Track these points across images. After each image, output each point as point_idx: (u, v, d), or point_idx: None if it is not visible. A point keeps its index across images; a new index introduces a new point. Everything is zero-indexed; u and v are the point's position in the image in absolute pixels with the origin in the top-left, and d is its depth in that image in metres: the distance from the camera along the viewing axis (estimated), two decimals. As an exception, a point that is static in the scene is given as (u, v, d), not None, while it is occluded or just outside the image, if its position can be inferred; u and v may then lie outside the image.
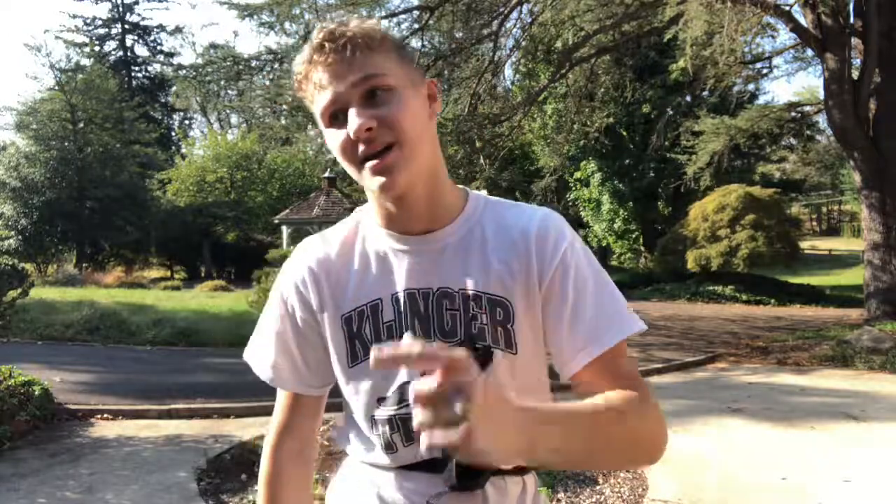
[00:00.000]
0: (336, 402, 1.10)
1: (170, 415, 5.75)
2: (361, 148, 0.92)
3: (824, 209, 45.42)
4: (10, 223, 21.32)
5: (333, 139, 0.95)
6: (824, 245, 30.06)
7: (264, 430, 4.81)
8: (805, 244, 18.80)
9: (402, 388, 0.99)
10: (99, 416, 5.61)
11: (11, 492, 3.87)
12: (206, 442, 4.93)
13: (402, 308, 1.00)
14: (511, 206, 1.05)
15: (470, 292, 0.98)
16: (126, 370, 7.48)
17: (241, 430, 5.22)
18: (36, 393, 5.24)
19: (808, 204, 40.50)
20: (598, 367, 0.95)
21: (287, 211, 24.30)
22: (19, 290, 7.56)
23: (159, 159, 28.54)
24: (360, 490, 1.05)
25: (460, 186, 1.07)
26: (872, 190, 10.21)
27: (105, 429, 5.31)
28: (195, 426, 5.42)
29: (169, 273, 23.49)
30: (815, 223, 44.40)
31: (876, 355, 7.60)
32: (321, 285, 1.04)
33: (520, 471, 1.02)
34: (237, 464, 4.42)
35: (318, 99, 0.95)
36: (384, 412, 1.01)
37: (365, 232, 1.06)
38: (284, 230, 24.63)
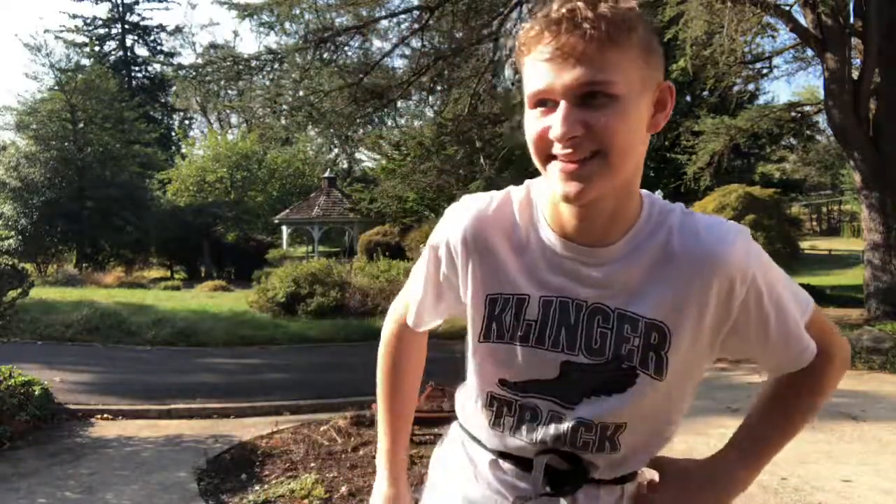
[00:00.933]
0: (335, 404, 1.13)
1: (170, 415, 5.75)
2: (559, 148, 0.86)
3: (824, 209, 45.42)
4: (10, 223, 21.30)
5: (532, 123, 0.89)
6: (824, 245, 30.02)
7: (264, 429, 4.78)
8: (805, 244, 18.82)
9: (528, 384, 1.00)
10: (99, 416, 5.61)
11: (11, 492, 3.86)
12: (206, 442, 4.93)
13: (551, 313, 0.97)
14: (689, 219, 0.96)
15: (627, 314, 0.94)
16: (126, 370, 7.48)
17: (241, 430, 5.22)
18: (36, 393, 5.24)
19: (808, 204, 40.49)
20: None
21: (287, 211, 24.34)
22: (19, 290, 7.54)
23: (159, 159, 28.53)
24: (460, 461, 1.11)
25: (642, 192, 0.98)
26: (872, 190, 10.21)
27: (105, 429, 5.31)
28: (195, 426, 5.42)
29: (169, 273, 23.48)
30: (815, 223, 44.38)
31: (876, 355, 7.60)
32: (474, 255, 1.01)
33: (620, 480, 1.04)
34: (237, 464, 4.42)
35: (533, 74, 0.87)
36: (505, 393, 1.02)
37: (536, 223, 0.99)
38: (284, 230, 24.66)
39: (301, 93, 12.14)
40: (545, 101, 0.86)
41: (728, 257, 0.91)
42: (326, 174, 26.72)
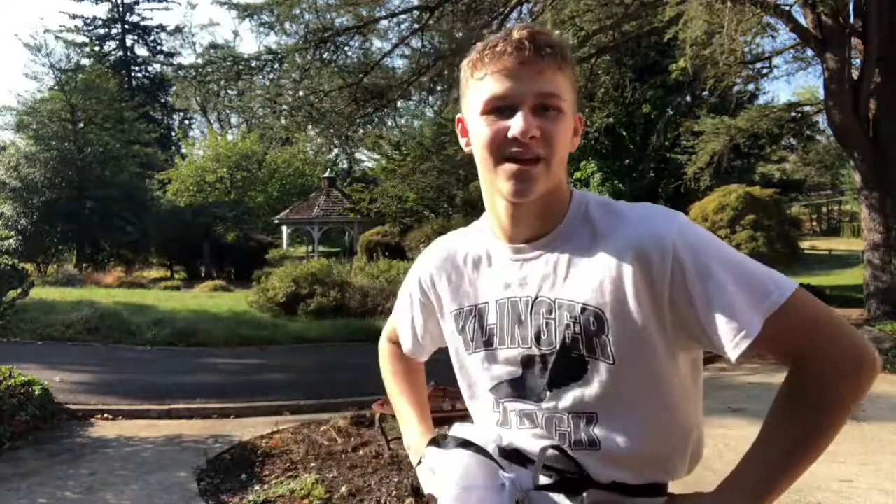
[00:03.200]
0: (335, 404, 1.15)
1: (170, 415, 5.75)
2: (513, 149, 0.96)
3: (824, 209, 45.40)
4: (10, 223, 21.30)
5: (485, 128, 0.99)
6: (824, 245, 30.01)
7: (264, 429, 4.79)
8: (805, 244, 18.80)
9: (500, 387, 1.09)
10: (99, 416, 5.61)
11: (11, 492, 3.86)
12: (206, 442, 4.93)
13: (505, 314, 1.07)
14: (610, 209, 1.03)
15: (565, 301, 1.01)
16: (126, 370, 7.48)
17: (241, 430, 5.22)
18: (36, 393, 5.24)
19: (808, 204, 40.47)
20: (762, 347, 0.94)
21: (287, 211, 24.33)
22: (19, 290, 7.57)
23: (159, 159, 28.53)
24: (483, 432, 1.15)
25: (571, 188, 1.08)
26: (872, 190, 10.21)
27: (105, 429, 5.31)
28: (195, 426, 5.42)
29: (169, 273, 23.47)
30: (815, 223, 44.37)
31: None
32: (439, 285, 1.17)
33: (638, 490, 1.03)
34: (237, 464, 4.42)
35: (489, 84, 0.98)
36: (491, 397, 1.11)
37: (483, 238, 1.13)
38: (284, 230, 24.65)
39: (301, 93, 12.14)
40: (501, 109, 0.97)
41: (644, 236, 0.96)
42: (326, 174, 26.72)
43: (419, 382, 1.40)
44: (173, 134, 39.09)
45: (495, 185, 1.01)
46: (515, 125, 0.94)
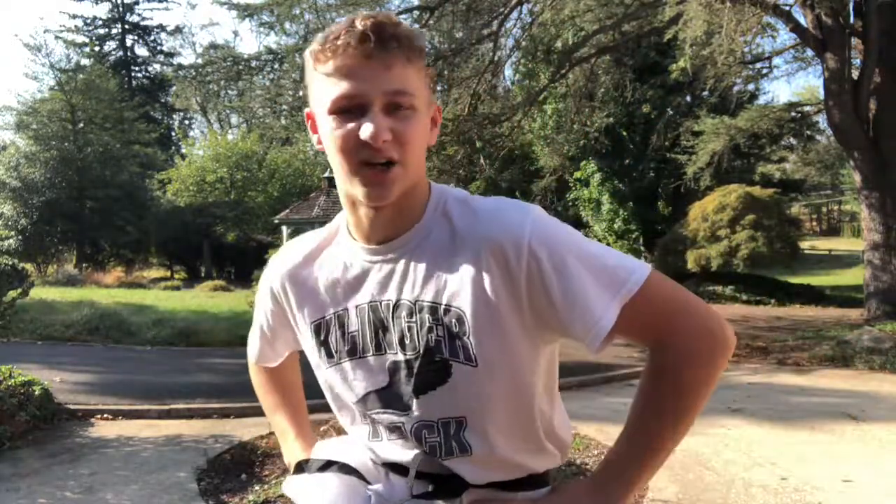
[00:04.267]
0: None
1: (170, 415, 5.74)
2: (366, 154, 0.90)
3: (824, 209, 45.42)
4: (10, 223, 21.32)
5: (335, 130, 0.91)
6: (824, 245, 30.03)
7: (264, 429, 4.77)
8: (805, 244, 18.78)
9: (367, 398, 1.04)
10: (99, 416, 5.61)
11: (11, 492, 3.86)
12: (206, 442, 4.93)
13: (366, 320, 1.01)
14: (467, 206, 0.99)
15: (425, 303, 0.96)
16: (126, 370, 7.47)
17: (241, 430, 5.22)
18: (36, 393, 5.24)
19: (808, 204, 40.48)
20: (622, 335, 0.94)
21: (287, 211, 24.28)
22: (19, 290, 7.57)
23: (159, 159, 28.55)
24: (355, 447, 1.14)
25: (430, 182, 1.04)
26: (872, 190, 10.21)
27: (105, 429, 5.31)
28: (195, 426, 5.42)
29: (169, 273, 23.49)
30: (815, 223, 44.39)
31: (876, 355, 7.60)
32: (293, 294, 1.09)
33: (515, 484, 1.04)
34: (237, 464, 4.42)
35: (334, 82, 0.90)
36: (357, 410, 1.07)
37: (339, 240, 1.06)
38: (284, 230, 24.60)
39: (301, 93, 12.14)
40: (350, 109, 0.90)
41: (500, 233, 0.93)
42: (326, 174, 26.66)
43: (295, 395, 1.32)
44: (173, 134, 39.10)
45: (351, 189, 0.95)
46: (366, 130, 0.88)
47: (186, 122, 43.58)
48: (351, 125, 0.90)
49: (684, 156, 15.46)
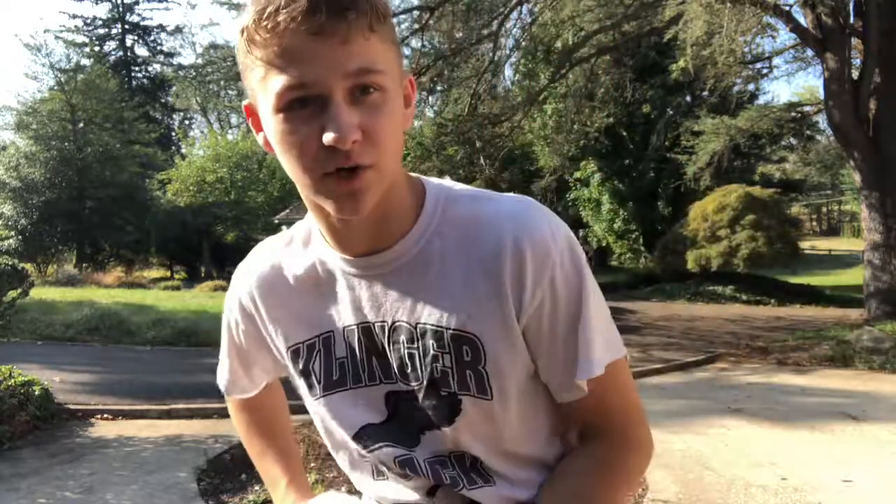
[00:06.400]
0: None
1: (170, 415, 5.74)
2: (332, 162, 0.70)
3: (824, 209, 45.45)
4: (10, 223, 21.33)
5: (287, 134, 0.71)
6: (824, 245, 30.07)
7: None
8: (805, 244, 18.81)
9: (365, 431, 0.89)
10: (99, 416, 5.61)
11: (11, 492, 3.86)
12: (206, 442, 4.93)
13: (357, 344, 0.85)
14: (477, 205, 0.83)
15: (428, 327, 0.81)
16: (126, 370, 7.47)
17: (241, 430, 5.22)
18: (36, 393, 5.24)
19: (808, 204, 40.52)
20: (585, 402, 0.85)
21: (287, 211, 24.29)
22: (19, 290, 7.55)
23: (159, 159, 28.54)
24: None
25: (415, 176, 0.86)
26: (872, 190, 10.21)
27: (105, 429, 5.31)
28: (195, 426, 5.42)
29: (169, 273, 23.50)
30: (815, 223, 44.43)
31: (876, 355, 7.60)
32: (265, 310, 0.91)
33: None
34: (237, 464, 4.42)
35: (277, 71, 0.69)
36: (357, 449, 0.92)
37: (316, 246, 0.87)
38: (284, 230, 24.59)
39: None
40: (303, 101, 0.69)
41: (523, 240, 0.78)
42: (326, 174, 26.71)
43: (284, 438, 1.12)
44: (173, 134, 39.08)
45: (316, 201, 0.76)
46: (329, 134, 0.68)
47: (186, 122, 43.60)
48: (307, 128, 0.70)
49: (684, 156, 15.47)
